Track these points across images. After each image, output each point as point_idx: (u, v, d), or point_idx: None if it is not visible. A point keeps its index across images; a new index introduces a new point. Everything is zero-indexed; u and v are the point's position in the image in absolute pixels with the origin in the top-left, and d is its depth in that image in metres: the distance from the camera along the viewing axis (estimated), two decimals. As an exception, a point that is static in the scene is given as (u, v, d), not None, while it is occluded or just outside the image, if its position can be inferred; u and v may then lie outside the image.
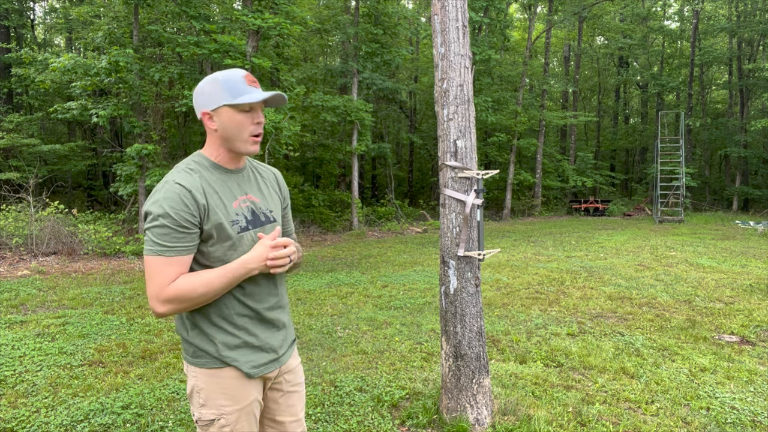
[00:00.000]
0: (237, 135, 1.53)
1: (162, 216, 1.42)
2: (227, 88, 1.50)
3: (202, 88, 1.53)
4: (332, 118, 13.86)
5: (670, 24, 28.61)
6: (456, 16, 2.98)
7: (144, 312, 5.52)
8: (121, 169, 10.82)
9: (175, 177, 1.48)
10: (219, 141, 1.55)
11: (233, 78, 1.51)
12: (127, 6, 10.88)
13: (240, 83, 1.51)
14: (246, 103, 1.49)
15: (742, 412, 3.23)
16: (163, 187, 1.46)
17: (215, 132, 1.53)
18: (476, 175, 2.95)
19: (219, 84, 1.50)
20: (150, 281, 1.43)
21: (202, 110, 1.53)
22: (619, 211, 20.92)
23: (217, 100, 1.50)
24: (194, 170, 1.52)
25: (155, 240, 1.42)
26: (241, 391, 1.58)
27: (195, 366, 1.57)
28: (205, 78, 1.56)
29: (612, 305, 5.85)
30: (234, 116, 1.50)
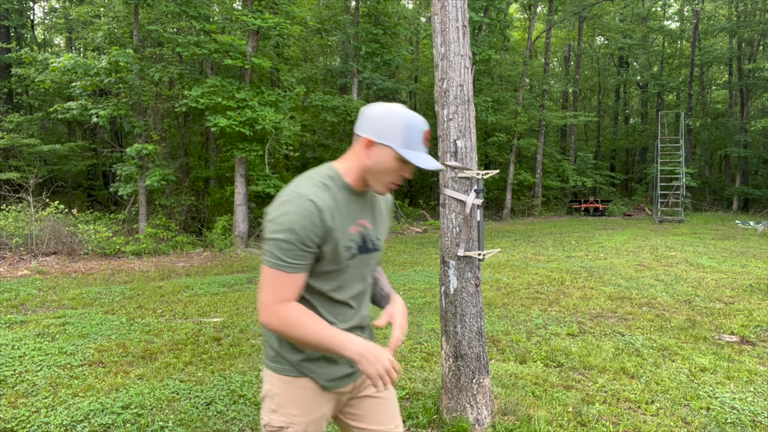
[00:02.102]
0: (380, 176, 1.49)
1: (289, 231, 1.40)
2: (405, 134, 1.45)
3: (381, 115, 1.46)
4: (332, 118, 13.86)
5: (670, 24, 28.61)
6: (456, 16, 2.98)
7: (144, 312, 5.52)
8: (121, 169, 10.82)
9: (309, 192, 1.44)
10: (361, 168, 1.51)
11: (415, 128, 1.46)
12: (127, 6, 10.88)
13: (418, 137, 1.46)
14: (408, 161, 1.44)
15: (742, 412, 3.23)
16: (295, 199, 1.42)
17: (364, 159, 1.49)
18: (476, 175, 2.95)
19: (400, 124, 1.45)
20: (265, 290, 1.43)
21: (366, 135, 1.47)
22: (619, 211, 20.92)
23: (388, 138, 1.45)
24: (328, 187, 1.48)
25: (277, 253, 1.40)
26: (313, 402, 1.58)
27: (273, 371, 1.59)
28: (389, 105, 1.48)
29: (612, 305, 5.85)
30: (391, 161, 1.46)
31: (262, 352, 1.65)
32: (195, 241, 10.96)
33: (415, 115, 1.48)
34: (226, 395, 3.43)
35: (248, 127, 10.00)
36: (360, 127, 1.49)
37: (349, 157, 1.53)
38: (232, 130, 9.88)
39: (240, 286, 6.88)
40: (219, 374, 3.78)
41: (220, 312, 5.54)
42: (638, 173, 28.39)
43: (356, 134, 1.52)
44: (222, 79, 10.38)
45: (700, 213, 20.47)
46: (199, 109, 10.50)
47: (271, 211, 1.44)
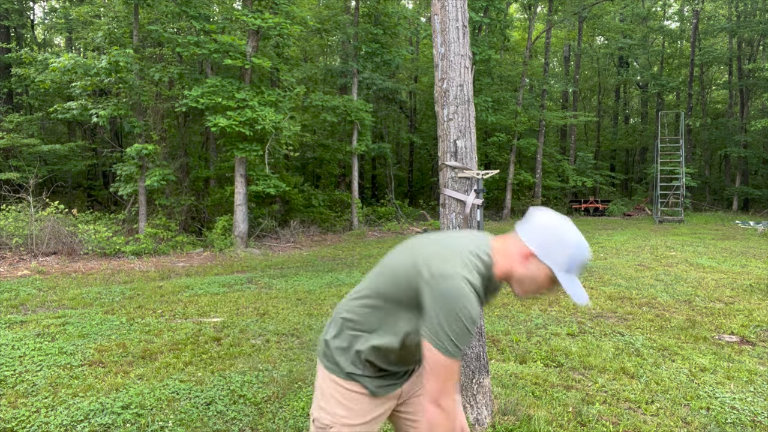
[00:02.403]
0: (526, 286, 1.49)
1: (472, 322, 1.39)
2: (570, 260, 1.43)
3: (554, 233, 1.44)
4: (332, 118, 13.86)
5: (670, 24, 28.61)
6: (456, 16, 2.98)
7: (144, 312, 5.52)
8: (121, 169, 10.82)
9: (470, 278, 1.42)
10: (511, 271, 1.50)
11: (581, 257, 1.44)
12: (127, 6, 10.87)
13: (580, 268, 1.46)
14: (562, 287, 1.45)
15: (742, 412, 3.23)
16: (460, 291, 1.39)
17: (519, 266, 1.48)
18: (476, 175, 2.95)
19: (569, 250, 1.43)
20: (441, 381, 1.41)
21: (532, 247, 1.45)
22: (619, 211, 20.92)
23: (552, 260, 1.43)
24: (482, 275, 1.48)
25: (456, 342, 1.39)
26: (361, 407, 1.59)
27: (325, 369, 1.61)
28: (562, 221, 1.46)
29: (612, 305, 5.85)
30: (544, 279, 1.46)
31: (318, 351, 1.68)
32: (195, 241, 10.96)
33: (585, 243, 1.46)
34: (226, 395, 3.43)
35: (248, 127, 9.99)
36: (527, 233, 1.47)
37: (504, 255, 1.51)
38: (232, 130, 9.88)
39: (240, 286, 6.88)
40: (219, 374, 3.78)
41: (220, 312, 5.54)
42: (638, 173, 28.39)
43: (518, 235, 1.50)
44: (222, 79, 10.38)
45: (700, 213, 20.47)
46: (199, 109, 10.50)
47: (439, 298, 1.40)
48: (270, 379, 3.71)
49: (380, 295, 1.54)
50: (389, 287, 1.53)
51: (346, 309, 1.63)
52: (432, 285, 1.41)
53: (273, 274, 7.87)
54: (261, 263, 8.95)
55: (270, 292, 6.55)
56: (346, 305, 1.64)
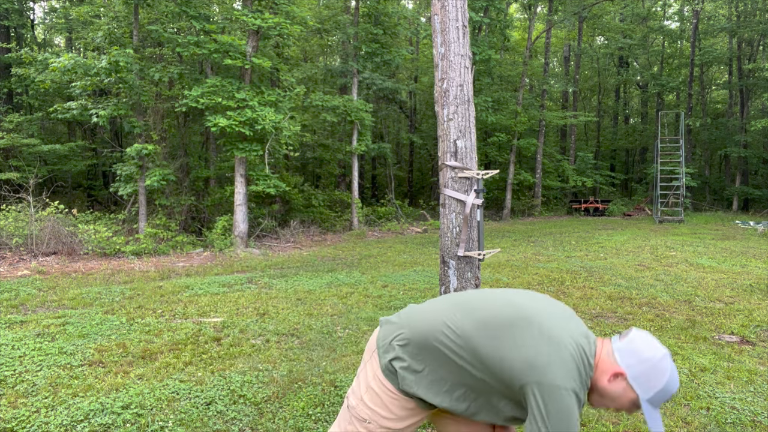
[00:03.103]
0: (605, 401, 1.51)
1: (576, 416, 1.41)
2: (659, 393, 1.44)
3: (652, 363, 1.44)
4: (332, 118, 13.86)
5: (670, 24, 28.60)
6: (456, 16, 2.98)
7: (144, 312, 5.52)
8: (121, 169, 10.82)
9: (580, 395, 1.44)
10: (596, 383, 1.50)
11: (670, 392, 1.46)
12: (127, 6, 10.87)
13: (665, 398, 1.47)
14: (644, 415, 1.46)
15: (742, 412, 3.23)
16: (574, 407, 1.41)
17: (604, 382, 1.48)
18: (476, 175, 2.95)
19: (661, 384, 1.44)
20: None
21: (624, 369, 1.46)
22: (619, 211, 20.91)
23: (641, 387, 1.45)
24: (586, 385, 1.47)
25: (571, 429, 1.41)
26: (405, 413, 1.60)
27: (381, 371, 1.60)
28: (663, 353, 1.47)
29: (612, 305, 5.85)
30: (625, 400, 1.48)
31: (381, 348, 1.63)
32: (195, 241, 10.96)
33: (676, 376, 1.46)
34: (226, 395, 3.43)
35: (248, 127, 10.00)
36: (623, 353, 1.47)
37: (598, 368, 1.50)
38: (232, 130, 9.88)
39: (240, 286, 6.88)
40: (219, 374, 3.78)
41: (220, 312, 5.54)
42: (638, 173, 28.39)
43: (614, 349, 1.50)
44: (222, 79, 10.38)
45: (700, 213, 20.47)
46: (199, 109, 10.50)
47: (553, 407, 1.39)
48: (270, 379, 3.71)
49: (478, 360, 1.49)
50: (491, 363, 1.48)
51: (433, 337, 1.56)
52: (544, 392, 1.39)
53: (273, 274, 7.87)
54: (261, 263, 8.95)
55: (270, 292, 6.55)
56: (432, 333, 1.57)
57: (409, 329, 1.60)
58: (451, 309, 1.60)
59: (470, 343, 1.50)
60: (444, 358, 1.52)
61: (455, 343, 1.52)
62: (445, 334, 1.54)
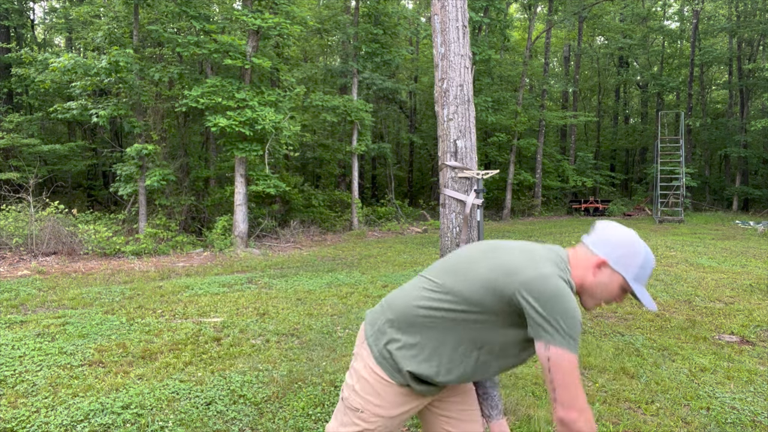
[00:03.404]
0: (596, 296, 1.54)
1: (578, 318, 1.42)
2: (640, 269, 1.50)
3: (624, 243, 1.51)
4: (332, 118, 13.86)
5: (670, 24, 28.60)
6: (456, 16, 2.98)
7: (144, 312, 5.52)
8: (121, 169, 10.82)
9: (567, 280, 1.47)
10: (582, 282, 1.54)
11: (650, 265, 1.52)
12: (127, 6, 10.87)
13: (648, 273, 1.53)
14: (634, 294, 1.50)
15: (742, 412, 3.23)
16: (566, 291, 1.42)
17: (589, 276, 1.53)
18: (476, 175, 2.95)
19: (640, 259, 1.50)
20: (577, 388, 1.39)
21: (603, 256, 1.51)
22: (619, 211, 20.91)
23: (623, 268, 1.50)
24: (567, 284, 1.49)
25: (575, 337, 1.40)
26: (395, 400, 1.60)
27: (374, 358, 1.61)
28: (631, 233, 1.53)
29: (612, 305, 5.85)
30: (614, 287, 1.52)
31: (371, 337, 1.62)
32: (195, 241, 10.96)
33: (650, 251, 1.53)
34: (226, 395, 3.43)
35: (248, 127, 10.00)
36: (597, 244, 1.53)
37: (576, 266, 1.55)
38: (232, 130, 9.88)
39: (240, 286, 6.88)
40: (219, 374, 3.78)
41: (220, 312, 5.54)
42: (638, 173, 28.39)
43: (587, 247, 1.55)
44: (222, 79, 10.38)
45: (700, 213, 20.47)
46: (199, 109, 10.50)
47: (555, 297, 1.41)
48: (270, 379, 3.71)
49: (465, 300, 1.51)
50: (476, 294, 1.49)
51: (415, 304, 1.58)
52: (531, 288, 1.41)
53: (273, 274, 7.87)
54: (261, 263, 8.95)
55: (270, 292, 6.55)
56: (414, 300, 1.59)
57: (391, 309, 1.63)
58: (423, 275, 1.66)
59: (451, 290, 1.52)
60: (433, 320, 1.54)
61: (437, 298, 1.54)
62: (425, 296, 1.57)
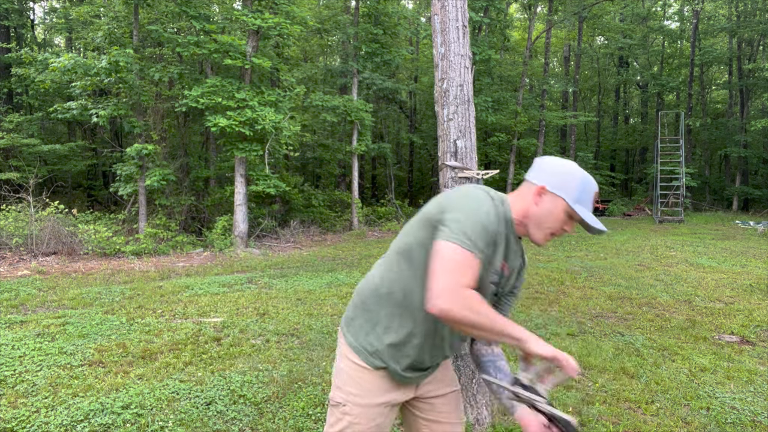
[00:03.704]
0: (542, 224, 1.51)
1: (487, 215, 1.39)
2: (579, 191, 1.48)
3: (559, 169, 1.50)
4: (332, 118, 13.86)
5: (670, 24, 28.60)
6: (456, 16, 2.98)
7: (144, 312, 5.52)
8: (121, 169, 10.82)
9: (495, 198, 1.48)
10: (526, 213, 1.52)
11: (589, 186, 1.50)
12: (127, 6, 10.87)
13: (590, 196, 1.50)
14: (578, 215, 1.47)
15: (742, 412, 3.23)
16: (480, 195, 1.44)
17: (532, 206, 1.51)
18: (476, 175, 2.95)
19: (577, 181, 1.48)
20: (450, 273, 1.30)
21: (541, 183, 1.50)
22: (619, 211, 20.91)
23: (563, 191, 1.48)
24: (499, 213, 1.47)
25: (470, 235, 1.34)
26: (375, 387, 1.60)
27: (350, 347, 1.62)
28: (566, 160, 1.53)
29: (612, 305, 5.85)
30: (558, 212, 1.49)
31: (344, 326, 1.66)
32: (195, 241, 10.96)
33: (588, 174, 1.51)
34: (226, 395, 3.43)
35: (248, 127, 9.99)
36: (534, 175, 1.53)
37: (517, 199, 1.54)
38: (232, 130, 9.88)
39: (240, 286, 6.88)
40: (219, 374, 3.78)
41: (220, 312, 5.54)
42: (638, 173, 28.38)
43: (527, 181, 1.54)
44: (222, 79, 10.38)
45: (700, 213, 20.47)
46: (199, 109, 10.49)
47: (455, 197, 1.43)
48: (270, 379, 3.71)
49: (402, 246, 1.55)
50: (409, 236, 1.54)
51: (377, 279, 1.62)
52: (451, 195, 1.43)
53: (273, 274, 7.87)
54: (261, 263, 8.95)
55: (270, 292, 6.55)
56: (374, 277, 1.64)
57: (358, 294, 1.68)
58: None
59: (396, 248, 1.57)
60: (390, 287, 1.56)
61: (388, 266, 1.58)
62: (381, 269, 1.61)
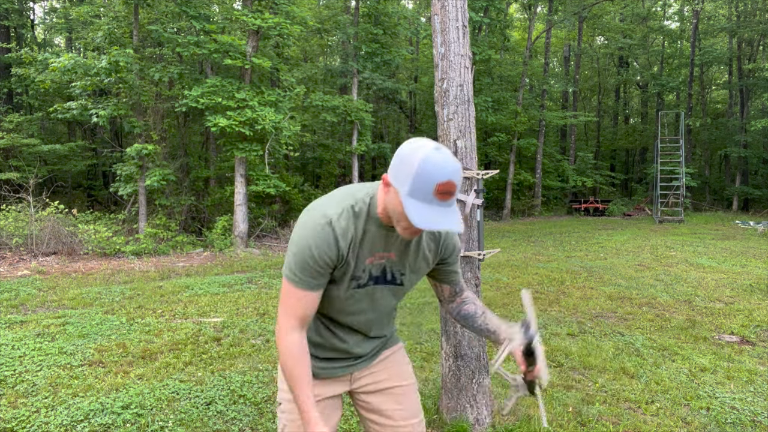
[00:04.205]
0: (394, 218, 1.40)
1: (309, 249, 1.40)
2: (414, 180, 1.28)
3: (403, 153, 1.32)
4: (332, 118, 13.85)
5: (670, 24, 28.61)
6: (456, 16, 2.98)
7: (144, 312, 5.52)
8: (121, 169, 10.81)
9: (333, 216, 1.40)
10: (384, 206, 1.42)
11: (429, 178, 1.27)
12: (127, 6, 10.87)
13: (429, 187, 1.28)
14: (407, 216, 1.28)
15: (742, 412, 3.23)
16: (317, 221, 1.40)
17: (384, 196, 1.40)
18: (476, 175, 2.95)
19: (413, 168, 1.27)
20: (282, 309, 1.46)
21: (388, 174, 1.36)
22: (619, 211, 20.91)
23: (399, 181, 1.31)
24: (358, 215, 1.43)
25: (294, 269, 1.42)
26: None
27: None
28: (419, 142, 1.32)
29: (612, 305, 5.85)
30: (399, 206, 1.33)
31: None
32: (195, 241, 10.96)
33: (438, 162, 1.27)
34: (226, 395, 3.43)
35: (248, 127, 9.99)
36: (390, 166, 1.39)
37: (380, 190, 1.45)
38: (232, 130, 9.88)
39: (240, 286, 6.88)
40: (219, 374, 3.78)
41: (220, 312, 5.54)
42: (638, 173, 28.38)
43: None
44: (222, 79, 10.38)
45: (700, 213, 20.47)
46: (199, 109, 10.49)
47: (295, 231, 1.46)
48: (270, 379, 3.71)
49: None
50: None
51: None
52: (296, 225, 1.45)
53: (273, 274, 7.87)
54: (261, 263, 8.95)
55: (270, 292, 6.55)
56: None
57: None
58: None
59: None
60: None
61: None
62: None
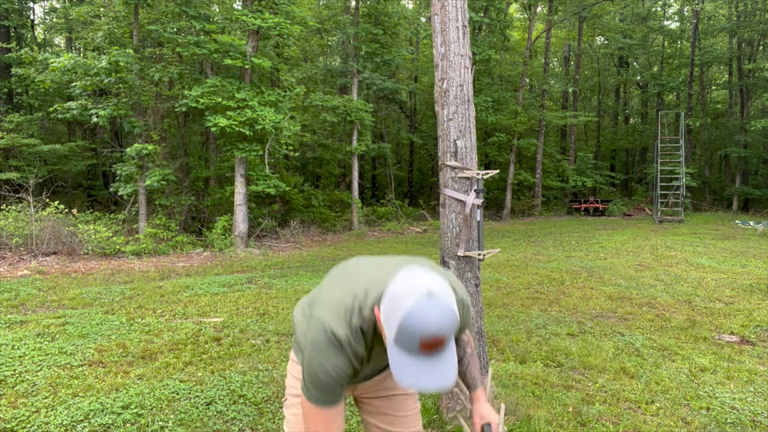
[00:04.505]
0: None
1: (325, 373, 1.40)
2: (399, 331, 1.22)
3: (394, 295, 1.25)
4: (332, 118, 13.85)
5: (670, 24, 28.59)
6: (456, 16, 2.98)
7: (144, 312, 5.52)
8: (121, 169, 10.81)
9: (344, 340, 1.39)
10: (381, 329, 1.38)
11: (411, 332, 1.20)
12: (127, 6, 10.87)
13: (413, 341, 1.20)
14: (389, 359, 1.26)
15: (742, 412, 3.23)
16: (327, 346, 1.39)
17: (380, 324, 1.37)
18: (476, 175, 2.95)
19: (397, 321, 1.22)
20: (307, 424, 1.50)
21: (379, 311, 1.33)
22: (619, 211, 20.91)
23: (387, 325, 1.26)
24: (366, 334, 1.42)
25: (312, 390, 1.44)
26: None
27: (292, 349, 1.74)
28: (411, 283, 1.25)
29: (612, 305, 5.85)
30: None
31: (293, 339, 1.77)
32: (195, 241, 10.96)
33: (425, 315, 1.19)
34: (226, 395, 3.43)
35: (248, 127, 9.99)
36: (385, 295, 1.32)
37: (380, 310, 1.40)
38: (232, 130, 9.88)
39: (240, 286, 6.88)
40: (219, 374, 3.78)
41: (220, 312, 5.54)
42: (638, 173, 28.38)
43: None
44: (222, 79, 10.38)
45: (700, 213, 20.47)
46: (199, 109, 10.49)
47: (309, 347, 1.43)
48: (270, 379, 3.71)
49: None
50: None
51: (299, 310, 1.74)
52: (306, 346, 1.45)
53: (273, 274, 7.87)
54: (261, 263, 8.95)
55: (270, 292, 6.55)
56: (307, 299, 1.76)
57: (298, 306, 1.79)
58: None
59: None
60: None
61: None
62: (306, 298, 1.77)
